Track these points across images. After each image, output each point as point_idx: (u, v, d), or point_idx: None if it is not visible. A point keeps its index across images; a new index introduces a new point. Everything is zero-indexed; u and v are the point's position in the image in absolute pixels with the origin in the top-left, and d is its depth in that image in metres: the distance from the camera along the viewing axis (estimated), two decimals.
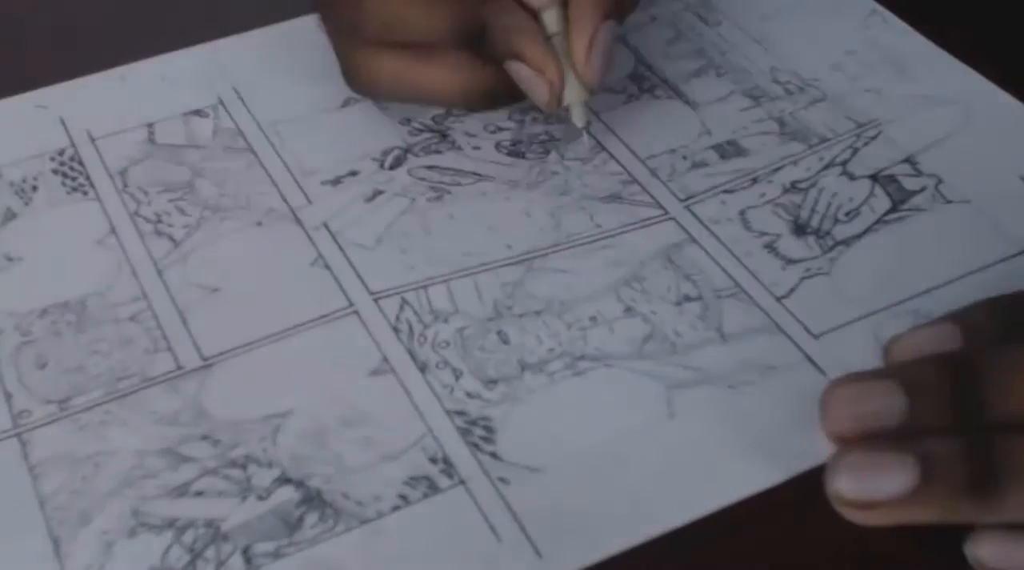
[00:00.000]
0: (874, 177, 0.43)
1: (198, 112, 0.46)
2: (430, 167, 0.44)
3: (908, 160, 0.43)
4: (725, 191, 0.42)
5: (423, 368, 0.37)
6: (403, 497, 0.34)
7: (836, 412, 0.33)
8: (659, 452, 0.35)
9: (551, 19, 0.41)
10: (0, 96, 0.47)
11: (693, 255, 0.40)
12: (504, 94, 0.42)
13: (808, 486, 0.34)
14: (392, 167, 0.44)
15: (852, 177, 0.43)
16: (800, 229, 0.41)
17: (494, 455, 0.35)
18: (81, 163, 0.44)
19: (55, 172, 0.44)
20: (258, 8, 0.50)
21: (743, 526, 0.34)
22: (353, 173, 0.43)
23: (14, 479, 0.35)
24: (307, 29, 0.49)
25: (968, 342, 0.35)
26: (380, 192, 0.43)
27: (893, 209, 0.41)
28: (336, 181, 0.43)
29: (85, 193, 0.43)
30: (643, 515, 0.33)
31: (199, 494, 0.34)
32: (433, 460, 0.35)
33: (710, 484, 0.34)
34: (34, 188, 0.43)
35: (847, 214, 0.41)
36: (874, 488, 0.32)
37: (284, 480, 0.34)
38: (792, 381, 0.36)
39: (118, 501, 0.34)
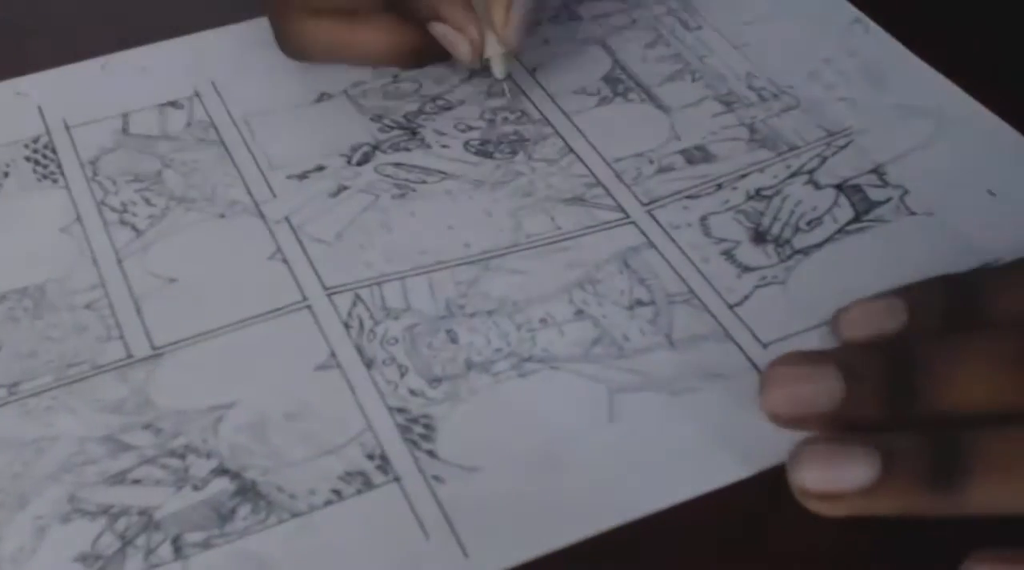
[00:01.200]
0: (839, 186, 0.42)
1: (173, 103, 0.46)
2: (397, 164, 0.44)
3: (875, 170, 0.43)
4: (688, 197, 0.42)
5: (369, 364, 0.37)
6: (336, 492, 0.34)
7: (774, 391, 0.34)
8: (596, 455, 0.35)
9: None
10: None
11: (649, 259, 0.40)
12: (430, 52, 0.44)
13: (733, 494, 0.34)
14: (359, 163, 0.44)
15: (818, 186, 0.42)
16: (760, 237, 0.41)
17: (431, 453, 0.35)
18: (54, 151, 0.45)
19: (28, 159, 0.44)
20: (240, 2, 0.50)
21: (674, 532, 0.34)
22: (320, 168, 0.44)
23: None
24: None
25: (914, 319, 0.35)
26: (345, 188, 0.43)
27: (856, 219, 0.41)
28: (303, 176, 0.43)
29: (55, 181, 0.44)
30: (574, 517, 0.33)
31: (136, 482, 0.34)
32: (370, 456, 0.35)
33: (644, 488, 0.34)
34: (5, 174, 0.44)
35: (809, 223, 0.41)
36: (836, 479, 0.32)
37: (221, 471, 0.35)
38: (736, 389, 0.36)
39: (56, 486, 0.34)
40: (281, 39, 0.46)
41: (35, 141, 0.45)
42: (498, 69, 0.45)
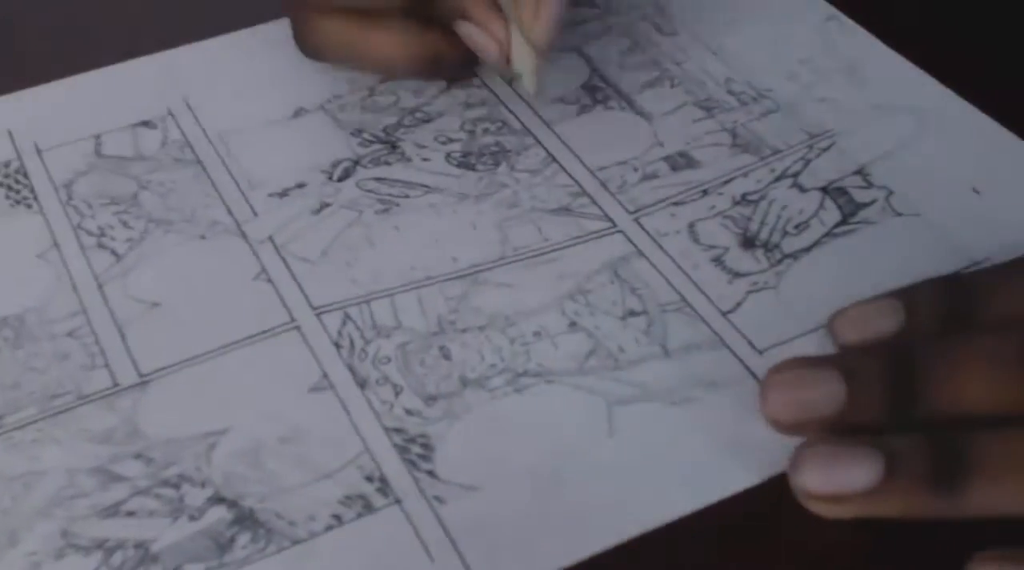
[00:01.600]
0: (824, 189, 0.42)
1: (146, 123, 0.46)
2: (379, 179, 0.43)
3: (860, 172, 0.43)
4: (674, 203, 0.42)
5: (363, 384, 0.37)
6: (336, 517, 0.33)
7: (774, 397, 0.34)
8: (598, 470, 0.34)
9: None
10: None
11: (640, 268, 0.40)
12: (449, 61, 0.44)
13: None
14: (340, 179, 0.43)
15: (803, 189, 0.42)
16: (748, 242, 0.41)
17: (431, 473, 0.34)
18: (26, 175, 0.44)
19: (0, 185, 0.43)
20: (210, 18, 0.49)
21: (684, 542, 0.33)
22: (300, 185, 0.43)
23: None
24: (259, 39, 0.49)
25: (911, 320, 0.35)
26: (327, 205, 0.42)
27: (843, 222, 0.41)
28: (283, 193, 0.43)
29: (29, 206, 0.43)
30: (578, 533, 0.33)
31: (130, 514, 0.34)
32: (369, 479, 0.34)
33: (648, 503, 0.34)
34: None
35: (796, 227, 0.41)
36: (839, 481, 0.32)
37: (217, 499, 0.34)
38: (735, 397, 0.36)
39: (47, 522, 0.33)
40: (298, 37, 0.46)
41: (6, 165, 0.44)
42: (529, 82, 0.43)
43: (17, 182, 0.44)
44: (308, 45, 0.45)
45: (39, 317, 0.39)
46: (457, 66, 0.45)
